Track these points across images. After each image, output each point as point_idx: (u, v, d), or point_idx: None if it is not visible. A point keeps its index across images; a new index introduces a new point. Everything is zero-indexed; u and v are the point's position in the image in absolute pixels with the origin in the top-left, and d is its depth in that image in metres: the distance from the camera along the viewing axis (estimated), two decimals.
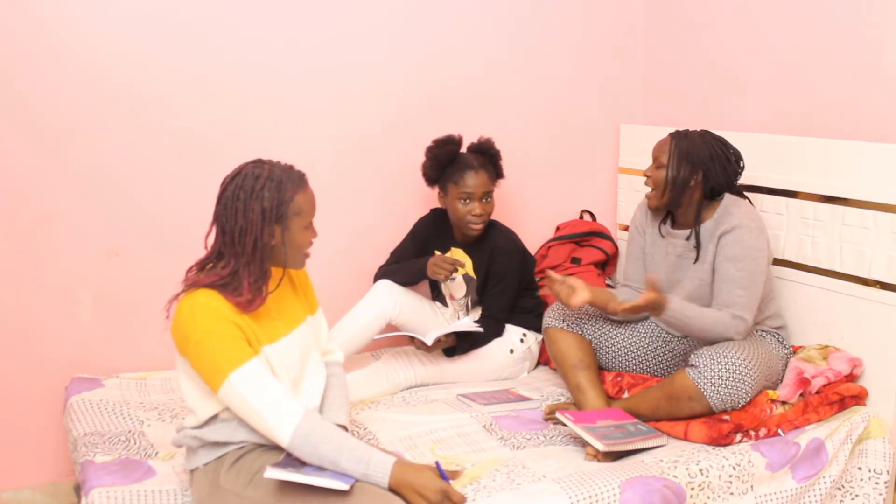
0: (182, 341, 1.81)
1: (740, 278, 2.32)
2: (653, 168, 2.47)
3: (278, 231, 1.84)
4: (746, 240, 2.34)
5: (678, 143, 2.44)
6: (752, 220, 2.38)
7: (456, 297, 2.89)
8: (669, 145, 2.44)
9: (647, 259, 2.60)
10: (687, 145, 2.42)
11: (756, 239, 2.36)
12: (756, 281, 2.34)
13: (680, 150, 2.42)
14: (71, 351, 2.69)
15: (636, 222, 2.66)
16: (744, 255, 2.33)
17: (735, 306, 2.31)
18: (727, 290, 2.33)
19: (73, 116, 2.61)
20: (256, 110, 2.82)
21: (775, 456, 2.21)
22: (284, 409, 1.78)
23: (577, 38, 3.30)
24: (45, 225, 2.62)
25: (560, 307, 2.58)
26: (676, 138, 2.45)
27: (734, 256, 2.34)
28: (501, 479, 2.03)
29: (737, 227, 2.36)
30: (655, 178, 2.45)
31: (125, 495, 1.92)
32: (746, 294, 2.32)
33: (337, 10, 2.89)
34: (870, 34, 2.53)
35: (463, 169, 2.75)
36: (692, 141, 2.44)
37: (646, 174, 2.49)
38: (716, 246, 2.39)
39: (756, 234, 2.36)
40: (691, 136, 2.46)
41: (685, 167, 2.40)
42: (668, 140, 2.47)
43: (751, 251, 2.34)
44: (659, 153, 2.46)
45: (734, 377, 2.21)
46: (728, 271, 2.34)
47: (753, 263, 2.34)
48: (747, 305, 2.32)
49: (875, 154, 2.40)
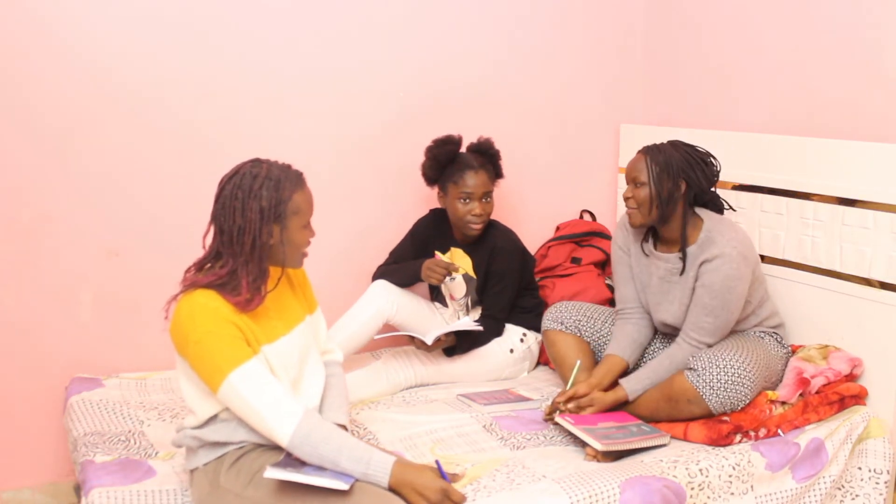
0: (181, 342, 1.80)
1: (712, 307, 2.33)
2: (632, 188, 2.40)
3: (276, 230, 1.84)
4: (724, 269, 2.31)
5: (653, 157, 2.37)
6: (733, 248, 2.33)
7: (456, 297, 2.89)
8: (645, 162, 2.38)
9: (636, 278, 2.56)
10: (663, 158, 2.37)
11: (736, 269, 2.32)
12: (729, 309, 2.34)
13: (658, 164, 2.36)
14: (71, 351, 2.69)
15: (619, 241, 2.60)
16: (720, 286, 2.31)
17: (700, 332, 2.35)
18: (696, 315, 2.36)
19: (73, 116, 2.61)
20: (256, 110, 2.82)
21: (775, 456, 2.21)
22: (284, 409, 1.78)
23: (577, 38, 3.30)
24: (45, 225, 2.62)
25: (559, 309, 2.58)
26: (649, 154, 2.39)
27: (709, 284, 2.33)
28: (501, 479, 2.03)
29: (717, 256, 2.32)
30: (638, 197, 2.38)
31: (125, 495, 1.92)
32: (714, 322, 2.34)
33: (337, 11, 2.89)
34: (870, 34, 2.53)
35: (463, 169, 2.75)
36: (666, 153, 2.38)
37: (626, 196, 2.42)
38: (696, 271, 2.37)
39: (736, 263, 2.32)
40: (663, 148, 2.40)
41: (667, 180, 2.35)
42: (641, 158, 2.40)
43: (728, 280, 2.31)
44: (636, 172, 2.39)
45: (733, 380, 2.21)
46: (702, 298, 2.35)
47: (728, 293, 2.32)
48: (713, 333, 2.35)
49: (875, 154, 2.40)
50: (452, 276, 2.76)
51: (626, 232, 2.58)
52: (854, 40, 2.57)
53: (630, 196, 2.41)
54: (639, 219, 2.40)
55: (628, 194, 2.41)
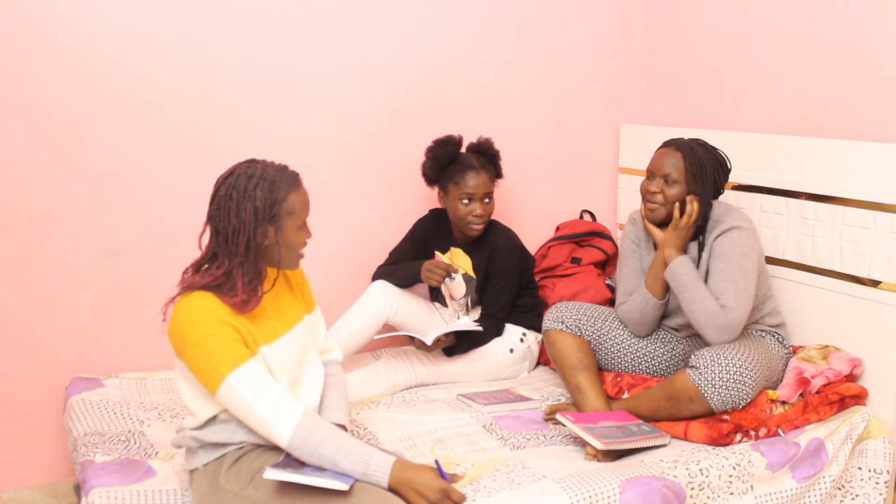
0: (179, 344, 1.80)
1: (728, 271, 2.31)
2: (660, 183, 2.40)
3: (271, 231, 1.84)
4: (737, 238, 2.34)
5: (688, 157, 2.38)
6: (744, 222, 2.37)
7: (456, 297, 2.89)
8: (681, 161, 2.38)
9: (645, 271, 2.57)
10: (695, 160, 2.38)
11: (748, 238, 2.35)
12: (746, 275, 2.31)
13: (693, 165, 2.37)
14: (71, 351, 2.69)
15: (630, 235, 2.61)
16: (733, 252, 2.32)
17: (723, 296, 2.29)
18: (715, 282, 2.32)
19: (73, 117, 2.61)
20: (257, 111, 2.82)
21: (775, 456, 2.22)
22: (283, 409, 1.77)
23: (577, 38, 3.30)
24: (45, 225, 2.62)
25: (559, 309, 2.58)
26: (683, 151, 2.40)
27: (723, 253, 2.34)
28: (501, 479, 2.03)
29: (730, 228, 2.35)
30: (668, 195, 2.39)
31: (125, 495, 1.92)
32: (735, 288, 2.29)
33: (337, 11, 2.89)
34: (870, 34, 2.53)
35: (464, 170, 2.75)
36: (698, 154, 2.40)
37: (651, 189, 2.42)
38: (709, 252, 2.38)
39: (747, 234, 2.36)
40: (694, 147, 2.41)
41: (699, 183, 2.38)
42: (674, 153, 2.40)
43: (741, 247, 2.33)
44: (669, 169, 2.39)
45: (735, 378, 2.21)
46: (718, 266, 2.34)
47: (743, 259, 2.32)
48: (735, 298, 2.28)
49: (875, 154, 2.40)
50: (452, 277, 2.76)
51: (636, 226, 2.61)
52: (854, 40, 2.57)
53: (658, 192, 2.40)
54: (662, 214, 2.42)
55: (655, 189, 2.41)
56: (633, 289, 2.58)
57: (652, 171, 2.44)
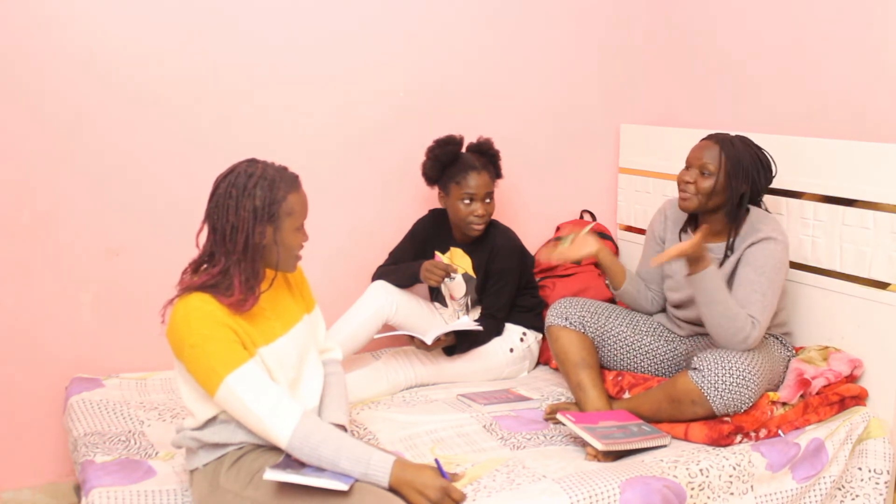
0: (177, 346, 1.80)
1: (759, 283, 2.29)
2: (696, 174, 2.37)
3: (269, 231, 1.83)
4: (772, 250, 2.31)
5: (727, 150, 2.35)
6: (781, 235, 2.34)
7: (456, 297, 2.89)
8: (719, 154, 2.35)
9: (665, 266, 2.57)
10: (735, 155, 2.35)
11: (782, 252, 2.33)
12: (774, 290, 2.30)
13: (730, 158, 2.34)
14: (71, 351, 2.69)
15: (656, 230, 2.62)
16: (766, 264, 2.30)
17: (751, 307, 2.27)
18: (744, 292, 2.29)
19: (74, 115, 2.61)
20: (257, 110, 2.82)
21: (775, 456, 2.21)
22: (282, 410, 1.77)
23: (577, 37, 3.30)
24: (45, 225, 2.62)
25: (563, 305, 2.57)
26: (722, 145, 2.37)
27: (756, 263, 2.31)
28: (501, 479, 2.03)
29: (766, 238, 2.32)
30: (701, 185, 2.36)
31: (125, 495, 1.92)
32: (763, 299, 2.27)
33: (337, 10, 2.89)
34: (870, 34, 2.53)
35: (465, 170, 2.75)
36: (738, 149, 2.37)
37: (686, 179, 2.39)
38: (738, 258, 2.36)
39: (782, 248, 2.33)
40: (736, 143, 2.38)
41: (735, 178, 2.35)
42: (712, 146, 2.37)
43: (774, 261, 2.31)
44: (706, 160, 2.36)
45: (737, 381, 2.20)
46: (748, 276, 2.30)
47: (774, 273, 2.30)
48: (762, 310, 2.26)
49: (875, 154, 2.40)
50: (452, 277, 2.76)
51: (664, 218, 2.61)
52: (854, 40, 2.57)
53: (692, 181, 2.38)
54: (694, 204, 2.39)
55: (689, 178, 2.39)
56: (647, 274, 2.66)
57: (690, 162, 2.42)
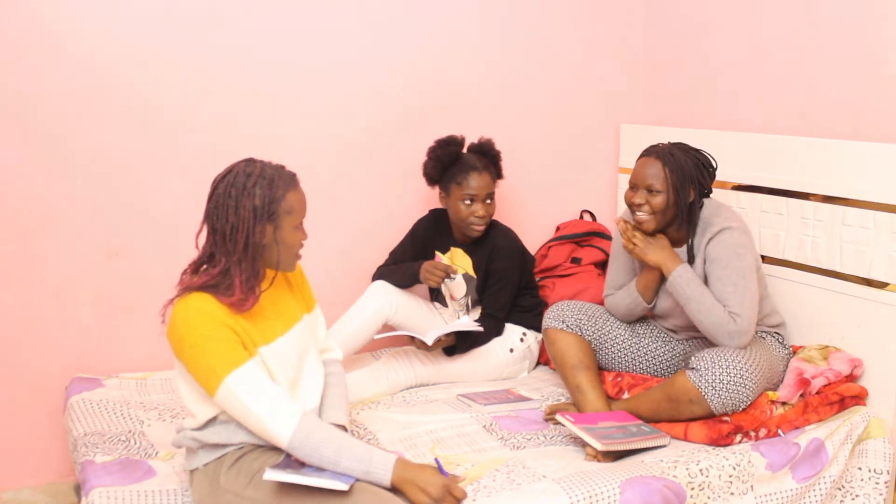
0: (177, 346, 1.80)
1: (728, 276, 2.30)
2: (644, 194, 2.37)
3: (269, 230, 1.83)
4: (729, 239, 2.32)
5: (669, 164, 2.35)
6: (734, 222, 2.36)
7: (456, 297, 2.89)
8: (661, 170, 2.35)
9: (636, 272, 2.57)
10: (676, 165, 2.35)
11: (739, 237, 2.33)
12: (745, 277, 2.30)
13: (674, 171, 2.35)
14: (71, 351, 2.69)
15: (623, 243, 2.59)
16: (727, 255, 2.31)
17: (727, 302, 2.28)
18: (717, 289, 2.31)
19: (72, 117, 2.61)
20: (256, 111, 2.82)
21: (775, 456, 2.21)
22: (282, 410, 1.77)
23: (577, 38, 3.30)
24: (45, 225, 2.62)
25: (560, 308, 2.58)
26: (664, 160, 2.36)
27: (718, 257, 2.33)
28: (501, 479, 2.03)
29: (721, 230, 2.34)
30: (654, 205, 2.36)
31: (125, 495, 1.92)
32: (736, 290, 2.28)
33: (337, 10, 2.89)
34: (870, 34, 2.53)
35: (466, 170, 2.75)
36: (678, 159, 2.36)
37: (636, 201, 2.38)
38: (703, 254, 2.37)
39: (739, 233, 2.34)
40: (675, 153, 2.38)
41: (683, 189, 2.35)
42: (654, 163, 2.37)
43: (734, 249, 2.31)
44: (651, 179, 2.35)
45: (735, 380, 2.20)
46: (715, 272, 2.33)
47: (739, 260, 2.31)
48: (740, 302, 2.27)
49: (875, 154, 2.40)
50: (452, 277, 2.76)
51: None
52: (854, 40, 2.57)
53: (643, 203, 2.37)
54: (653, 225, 2.39)
55: (640, 200, 2.38)
56: (620, 284, 2.60)
57: (635, 182, 2.40)
